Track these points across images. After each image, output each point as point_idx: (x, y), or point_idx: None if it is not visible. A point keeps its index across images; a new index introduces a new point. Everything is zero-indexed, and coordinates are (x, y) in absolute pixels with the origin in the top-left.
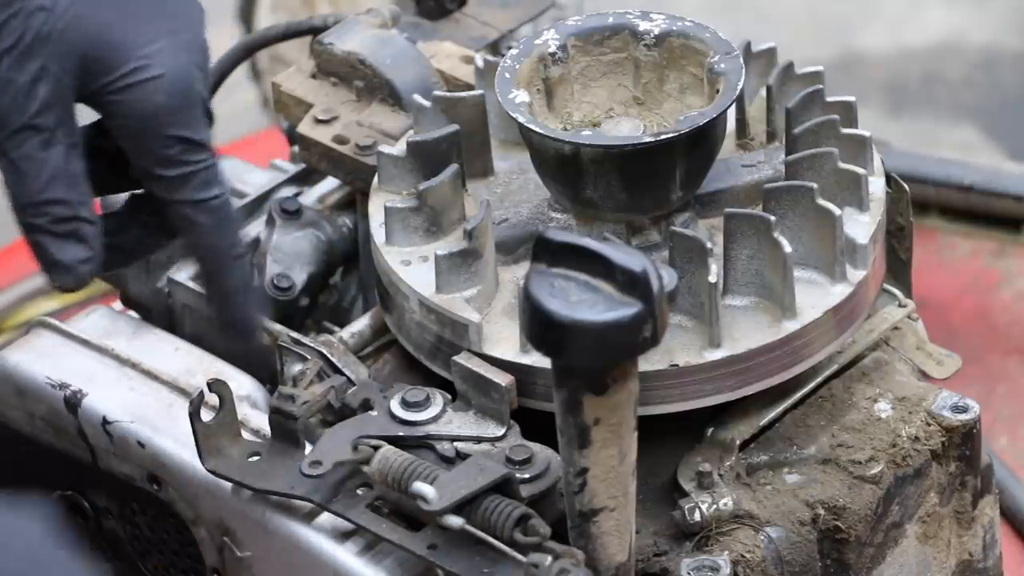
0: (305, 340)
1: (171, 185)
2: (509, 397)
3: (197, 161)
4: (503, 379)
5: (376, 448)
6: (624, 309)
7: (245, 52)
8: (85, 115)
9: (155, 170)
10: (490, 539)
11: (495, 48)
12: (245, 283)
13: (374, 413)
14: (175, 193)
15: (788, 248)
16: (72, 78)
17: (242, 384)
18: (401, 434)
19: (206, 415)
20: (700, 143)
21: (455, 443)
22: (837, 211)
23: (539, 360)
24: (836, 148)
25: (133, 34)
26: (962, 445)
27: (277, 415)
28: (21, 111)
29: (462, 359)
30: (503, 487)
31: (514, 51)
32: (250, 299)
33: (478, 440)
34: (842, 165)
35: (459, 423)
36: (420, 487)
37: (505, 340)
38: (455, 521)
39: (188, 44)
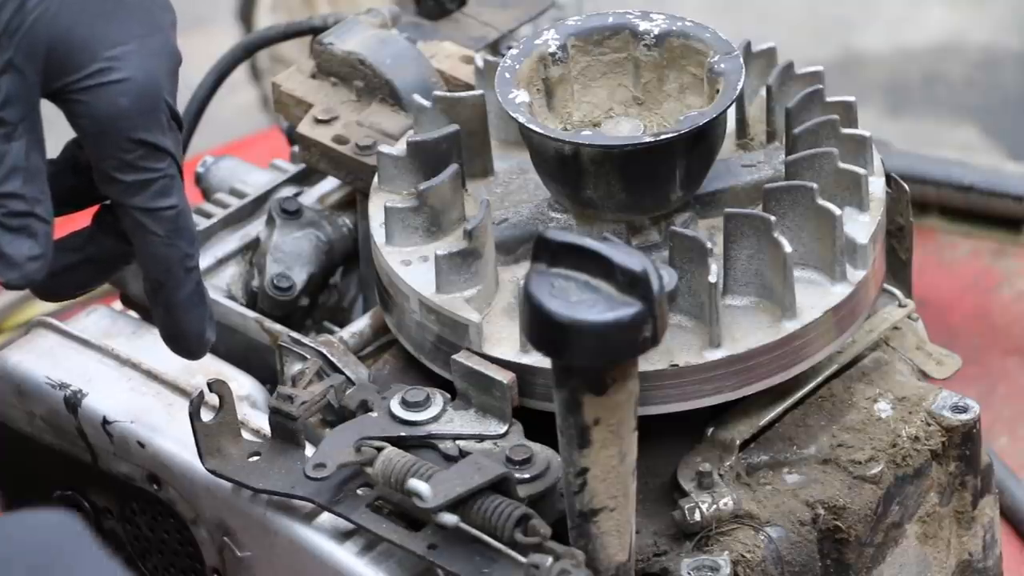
0: (305, 340)
1: (127, 190)
2: (511, 394)
3: (156, 168)
4: (504, 376)
5: (379, 450)
6: (624, 309)
7: (245, 52)
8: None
9: (113, 173)
10: (490, 539)
11: (495, 48)
12: (193, 298)
13: (374, 414)
14: (130, 199)
15: (788, 248)
16: (37, 74)
17: (242, 384)
18: (403, 434)
19: (206, 415)
20: (700, 143)
21: (457, 442)
22: (837, 211)
23: (539, 360)
24: (836, 148)
25: (101, 35)
26: (962, 445)
27: (276, 415)
28: None
29: (461, 357)
30: (500, 486)
31: (514, 51)
32: (197, 314)
33: (480, 438)
34: (842, 165)
35: (460, 422)
36: (415, 484)
37: (505, 340)
38: (450, 519)
39: (158, 49)
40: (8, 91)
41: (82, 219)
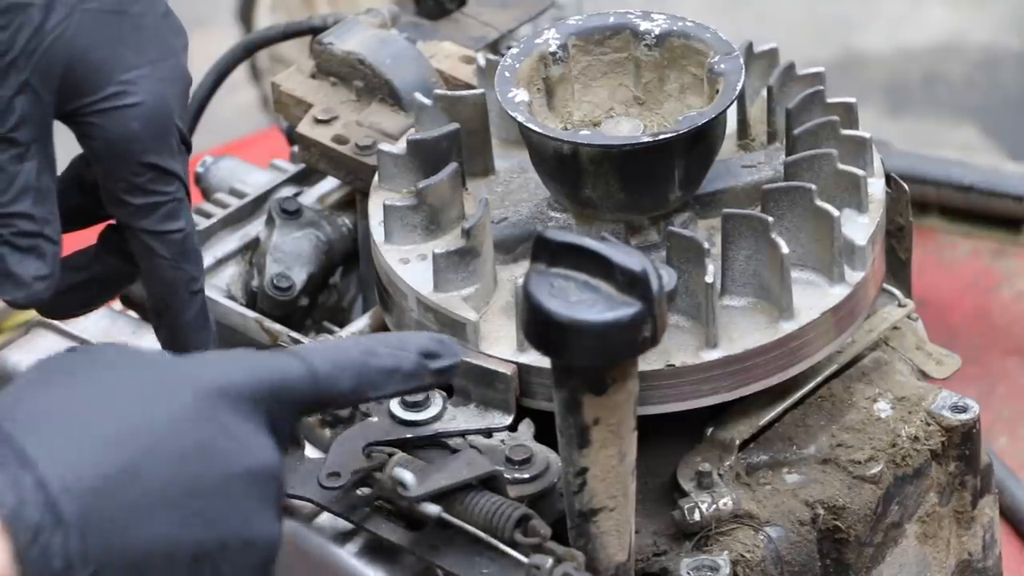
0: (305, 340)
1: (136, 213)
2: (514, 385)
3: (165, 192)
4: (507, 368)
5: (390, 455)
6: (624, 309)
7: (245, 52)
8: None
9: (122, 196)
10: (490, 539)
11: (495, 48)
12: (198, 320)
13: (374, 419)
14: (138, 221)
15: (785, 249)
16: (52, 95)
17: None
18: (409, 435)
19: None
20: (699, 143)
21: (467, 438)
22: (835, 212)
23: (536, 359)
24: (836, 149)
25: (116, 59)
26: (962, 445)
27: None
28: None
29: None
30: (490, 483)
31: (514, 50)
32: (201, 337)
33: (488, 432)
34: (841, 166)
35: (463, 418)
36: (400, 473)
37: (503, 339)
38: (432, 509)
39: (169, 73)
40: (23, 112)
41: (87, 237)
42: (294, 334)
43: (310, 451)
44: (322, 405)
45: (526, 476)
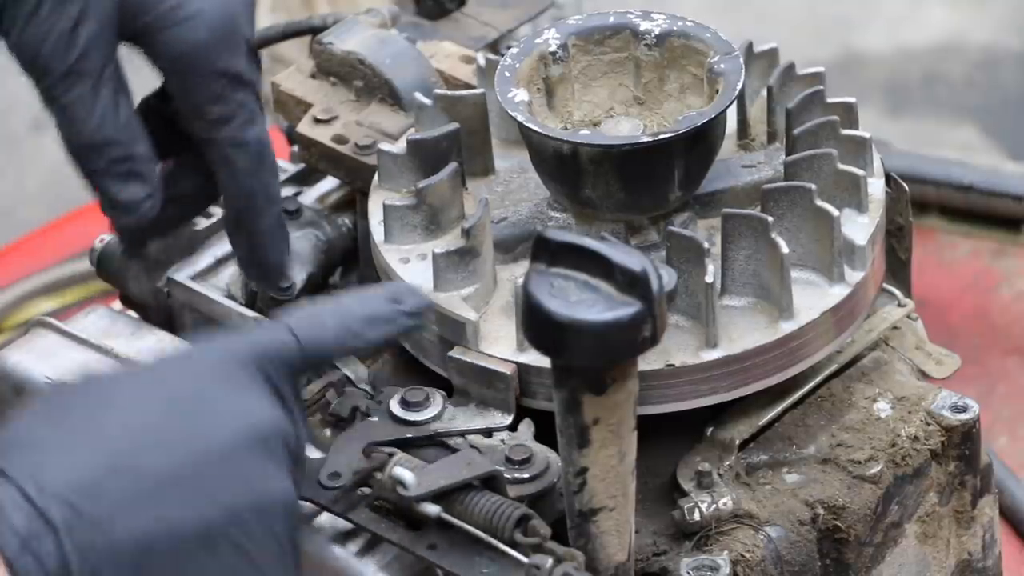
0: None
1: (214, 124)
2: (514, 385)
3: (240, 100)
4: (507, 368)
5: (390, 454)
6: (624, 309)
7: None
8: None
9: (199, 107)
10: (490, 539)
11: (495, 48)
12: (275, 228)
13: (375, 419)
14: (216, 132)
15: (785, 248)
16: (113, 19)
17: None
18: (409, 435)
19: None
20: (699, 143)
21: (467, 438)
22: (835, 212)
23: (536, 359)
24: (836, 149)
25: None
26: (961, 445)
27: None
28: (64, 56)
29: (458, 353)
30: (489, 483)
31: (514, 50)
32: (279, 245)
33: (488, 432)
34: (841, 166)
35: (463, 417)
36: (400, 472)
37: (502, 339)
38: (431, 509)
39: None
40: (86, 41)
41: None
42: None
43: (310, 451)
44: (311, 362)
45: (526, 476)
